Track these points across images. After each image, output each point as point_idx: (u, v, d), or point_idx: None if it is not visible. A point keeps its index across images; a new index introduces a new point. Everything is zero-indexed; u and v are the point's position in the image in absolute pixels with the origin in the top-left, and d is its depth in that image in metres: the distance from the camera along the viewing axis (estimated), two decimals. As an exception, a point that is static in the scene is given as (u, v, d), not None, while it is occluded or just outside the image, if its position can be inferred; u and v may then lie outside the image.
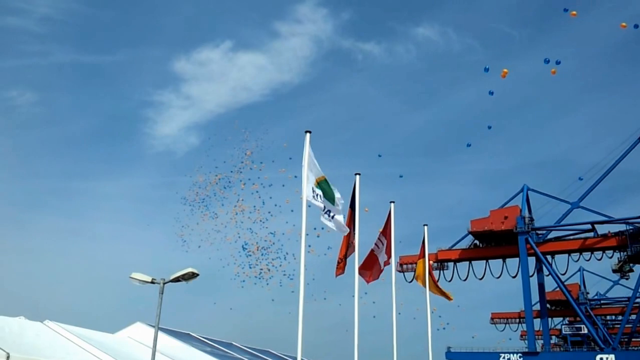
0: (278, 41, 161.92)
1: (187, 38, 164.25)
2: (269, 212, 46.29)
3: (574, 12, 56.82)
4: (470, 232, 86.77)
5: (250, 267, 45.51)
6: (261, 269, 45.39)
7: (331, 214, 19.63)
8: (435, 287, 30.48)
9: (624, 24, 56.11)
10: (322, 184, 19.46)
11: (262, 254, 45.53)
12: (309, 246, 39.50)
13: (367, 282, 24.72)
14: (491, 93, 62.56)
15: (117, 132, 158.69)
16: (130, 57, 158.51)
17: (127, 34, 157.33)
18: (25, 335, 18.36)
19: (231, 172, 47.11)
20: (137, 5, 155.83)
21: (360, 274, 23.60)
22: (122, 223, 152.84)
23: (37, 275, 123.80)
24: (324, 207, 19.45)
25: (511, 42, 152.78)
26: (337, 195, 19.82)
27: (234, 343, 32.45)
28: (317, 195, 19.29)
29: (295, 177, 43.36)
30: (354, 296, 22.18)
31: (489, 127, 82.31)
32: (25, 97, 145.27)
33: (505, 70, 55.62)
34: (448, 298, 30.19)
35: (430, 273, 30.17)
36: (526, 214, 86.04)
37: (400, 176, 48.40)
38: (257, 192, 46.27)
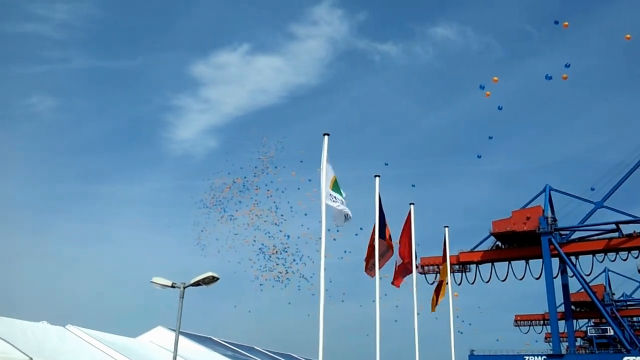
0: (295, 43, 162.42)
1: (204, 42, 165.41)
2: (282, 216, 46.44)
3: (566, 23, 57.42)
4: (492, 234, 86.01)
5: (268, 270, 45.77)
6: (279, 272, 45.65)
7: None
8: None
9: (628, 35, 56.61)
10: (334, 185, 19.44)
11: (278, 257, 45.79)
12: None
13: (397, 286, 24.66)
14: (500, 108, 62.88)
15: (137, 137, 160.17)
16: (148, 62, 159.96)
17: (145, 38, 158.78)
18: (48, 339, 18.49)
19: (254, 176, 47.26)
20: (154, 10, 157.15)
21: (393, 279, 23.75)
22: (142, 227, 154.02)
23: (59, 280, 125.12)
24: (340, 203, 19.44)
25: (530, 40, 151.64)
26: (344, 194, 19.79)
27: (255, 347, 32.44)
28: (334, 197, 19.26)
29: (310, 180, 43.63)
30: (374, 301, 22.08)
31: (490, 138, 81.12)
32: (45, 104, 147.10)
33: (495, 78, 58.48)
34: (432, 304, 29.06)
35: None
36: (549, 214, 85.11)
37: (413, 185, 48.27)
38: (271, 196, 46.41)
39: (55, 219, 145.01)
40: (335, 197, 19.24)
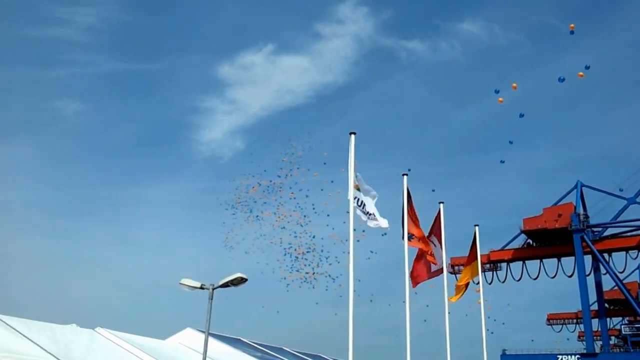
0: (320, 42, 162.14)
1: (230, 43, 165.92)
2: (305, 217, 46.40)
3: (572, 25, 58.29)
4: (523, 231, 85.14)
5: (295, 271, 45.90)
6: (306, 272, 45.74)
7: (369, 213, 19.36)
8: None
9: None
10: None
11: (305, 258, 45.86)
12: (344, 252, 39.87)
13: (414, 285, 24.27)
14: (521, 115, 62.24)
15: (164, 139, 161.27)
16: (174, 64, 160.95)
17: (170, 41, 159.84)
18: (78, 342, 18.53)
19: (277, 177, 47.32)
20: (179, 12, 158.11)
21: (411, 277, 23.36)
22: (170, 229, 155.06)
23: (88, 283, 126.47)
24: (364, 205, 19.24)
25: (559, 35, 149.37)
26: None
27: (284, 348, 32.33)
28: (358, 200, 19.08)
29: (332, 181, 43.59)
30: (404, 302, 21.83)
31: (510, 142, 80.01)
32: (71, 107, 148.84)
33: (514, 84, 58.66)
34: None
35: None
36: (581, 211, 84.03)
37: (433, 190, 48.03)
38: (294, 198, 46.41)
39: (83, 222, 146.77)
40: (362, 204, 19.05)
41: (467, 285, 28.51)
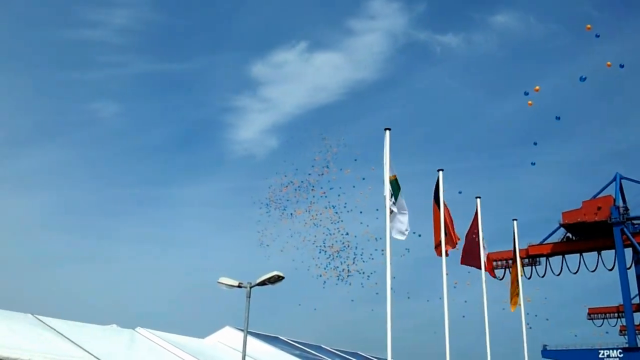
0: (353, 39, 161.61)
1: (262, 41, 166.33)
2: (336, 213, 46.44)
3: (589, 26, 57.39)
4: (561, 225, 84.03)
5: (331, 268, 46.07)
6: (342, 270, 45.86)
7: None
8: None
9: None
10: (392, 183, 19.05)
11: (339, 255, 46.00)
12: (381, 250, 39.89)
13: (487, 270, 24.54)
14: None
15: (198, 139, 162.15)
16: (207, 64, 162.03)
17: (202, 40, 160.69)
18: (118, 342, 18.75)
19: (308, 174, 47.50)
20: (211, 12, 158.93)
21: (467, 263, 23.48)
22: (206, 229, 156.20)
23: (126, 284, 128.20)
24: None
25: (597, 24, 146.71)
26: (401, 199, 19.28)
27: (322, 345, 32.30)
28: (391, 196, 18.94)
29: (363, 179, 43.53)
30: (441, 298, 21.65)
31: (535, 144, 77.87)
32: (108, 109, 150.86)
33: (537, 87, 58.09)
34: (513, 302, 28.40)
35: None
36: (620, 203, 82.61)
37: (460, 192, 47.62)
38: (325, 196, 46.58)
39: (121, 222, 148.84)
40: (393, 202, 18.88)
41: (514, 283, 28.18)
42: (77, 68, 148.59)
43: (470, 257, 24.27)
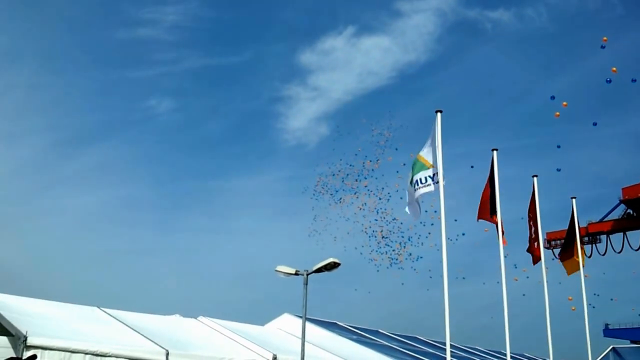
0: (401, 20, 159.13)
1: (309, 29, 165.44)
2: (380, 199, 46.52)
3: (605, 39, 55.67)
4: (622, 201, 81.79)
5: (383, 253, 46.38)
6: (394, 252, 46.08)
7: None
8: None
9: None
10: (417, 162, 18.99)
11: (389, 239, 46.29)
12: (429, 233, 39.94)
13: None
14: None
15: (251, 130, 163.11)
16: (256, 55, 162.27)
17: (250, 32, 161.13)
18: (182, 332, 19.22)
19: (361, 162, 47.71)
20: (257, 3, 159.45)
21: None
22: (262, 218, 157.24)
23: (188, 274, 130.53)
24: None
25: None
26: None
27: (380, 330, 32.44)
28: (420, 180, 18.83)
29: (404, 164, 43.30)
30: (499, 282, 21.44)
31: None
32: (163, 105, 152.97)
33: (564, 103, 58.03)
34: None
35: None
36: (683, 176, 79.95)
37: (472, 167, 46.91)
38: (366, 186, 46.85)
39: (180, 215, 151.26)
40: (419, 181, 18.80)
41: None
42: (130, 66, 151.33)
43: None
